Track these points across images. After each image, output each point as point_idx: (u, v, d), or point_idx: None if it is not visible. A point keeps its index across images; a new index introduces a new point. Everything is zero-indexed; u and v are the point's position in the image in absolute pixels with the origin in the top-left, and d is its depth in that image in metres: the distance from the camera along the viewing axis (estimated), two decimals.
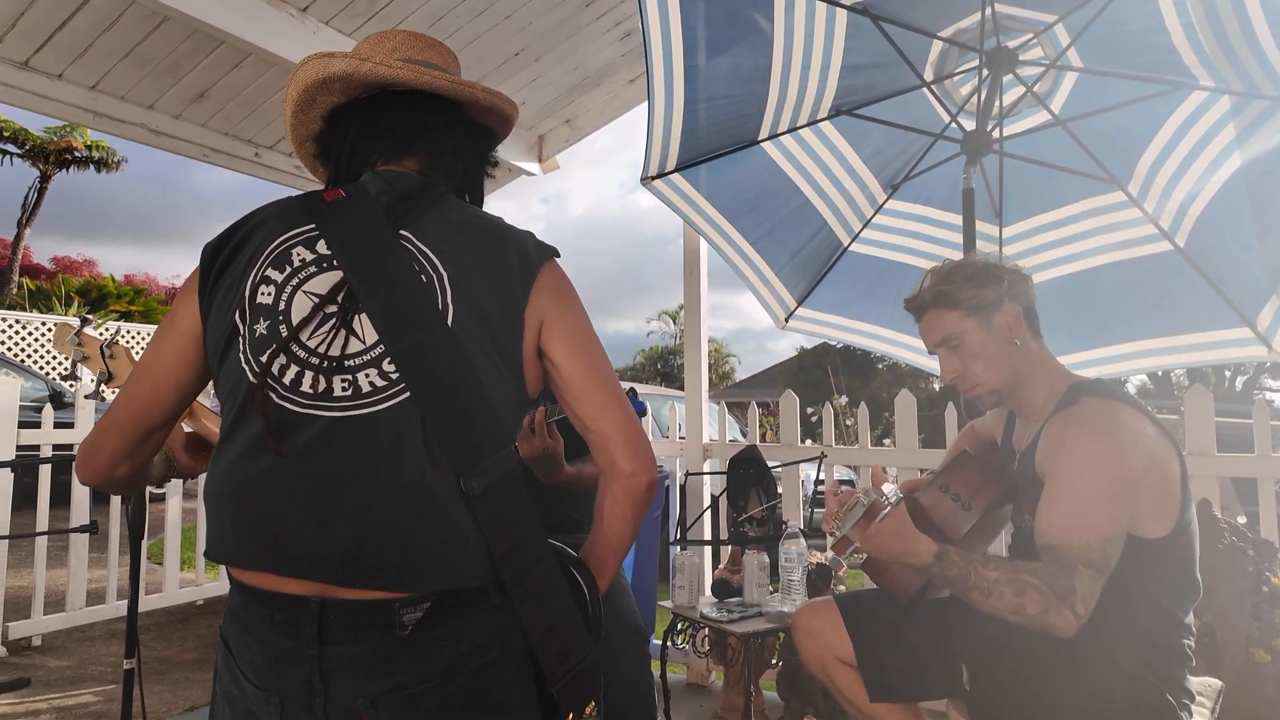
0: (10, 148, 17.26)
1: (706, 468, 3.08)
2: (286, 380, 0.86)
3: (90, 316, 1.70)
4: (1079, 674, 1.27)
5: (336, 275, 0.89)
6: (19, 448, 3.24)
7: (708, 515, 3.08)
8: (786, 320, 2.96)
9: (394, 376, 0.85)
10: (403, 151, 1.01)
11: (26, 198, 17.91)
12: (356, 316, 0.88)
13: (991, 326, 1.41)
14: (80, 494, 3.41)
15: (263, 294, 0.89)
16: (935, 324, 1.46)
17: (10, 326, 11.10)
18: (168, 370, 0.95)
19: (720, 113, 2.39)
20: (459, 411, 0.85)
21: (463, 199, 1.06)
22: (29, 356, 11.03)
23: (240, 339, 0.89)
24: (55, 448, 3.43)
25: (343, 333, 0.87)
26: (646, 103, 2.29)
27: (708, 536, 3.04)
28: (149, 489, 1.24)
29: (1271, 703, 1.90)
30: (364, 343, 0.87)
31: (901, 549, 1.31)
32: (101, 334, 1.59)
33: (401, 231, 0.92)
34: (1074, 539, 1.22)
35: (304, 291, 0.89)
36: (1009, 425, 1.55)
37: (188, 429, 1.15)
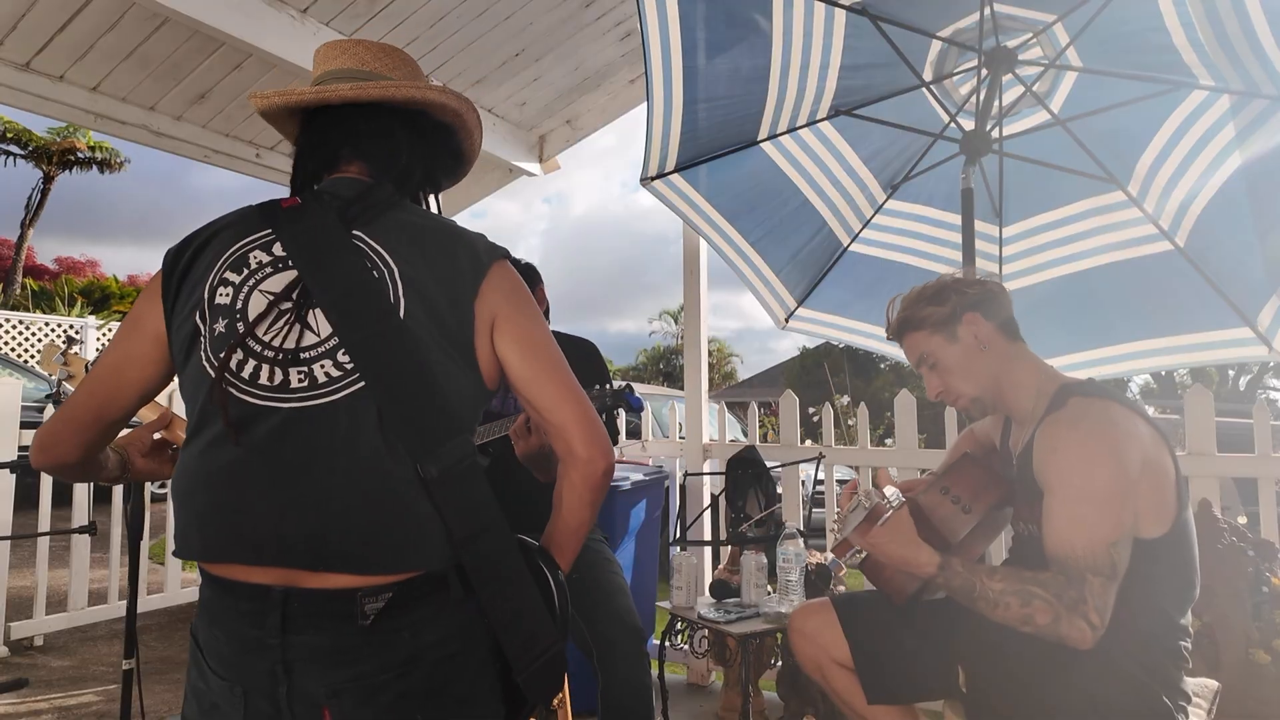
0: (13, 149, 17.31)
1: (706, 468, 3.08)
2: (245, 374, 0.89)
3: (75, 337, 1.72)
4: (1075, 675, 1.27)
5: (291, 274, 0.93)
6: (21, 448, 3.25)
7: (707, 515, 3.08)
8: (787, 320, 2.95)
9: (348, 367, 0.89)
10: (335, 161, 1.04)
11: (30, 198, 17.97)
12: (310, 311, 0.91)
13: (957, 339, 1.44)
14: (81, 495, 3.42)
15: (221, 295, 0.93)
16: (911, 347, 1.50)
17: (14, 327, 11.14)
18: (131, 369, 0.98)
19: (719, 113, 2.39)
20: (412, 399, 0.88)
21: (424, 198, 1.10)
22: (32, 357, 11.05)
23: (201, 339, 0.92)
24: None
25: (297, 326, 0.90)
26: (646, 103, 2.29)
27: (707, 537, 3.04)
28: (150, 489, 1.25)
29: (1272, 703, 1.90)
30: (318, 335, 0.90)
31: (903, 558, 1.32)
32: (85, 355, 1.60)
33: (355, 232, 0.95)
34: (1078, 549, 1.22)
35: (260, 290, 0.92)
36: (1005, 428, 1.55)
37: (156, 436, 1.18)
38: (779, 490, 2.71)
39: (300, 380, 0.88)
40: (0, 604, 3.14)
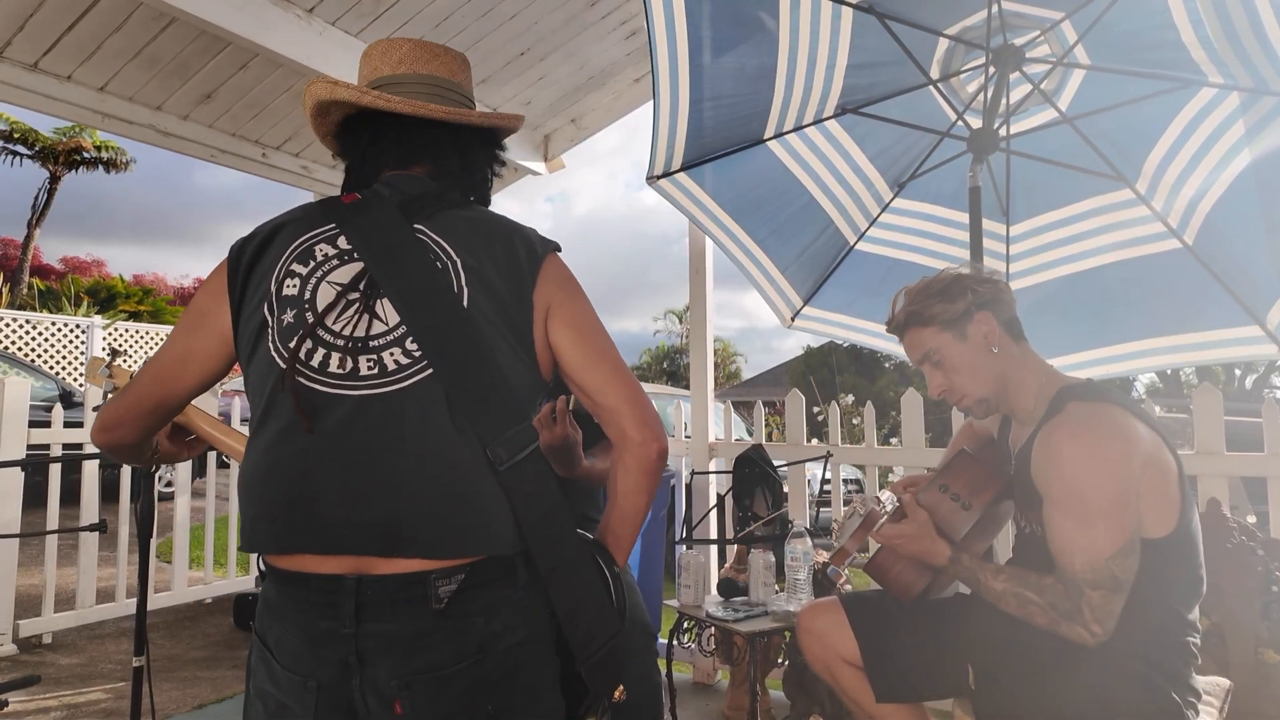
0: (20, 149, 17.38)
1: (712, 467, 3.08)
2: (314, 363, 0.90)
3: (119, 350, 1.74)
4: (1084, 672, 1.26)
5: (358, 266, 0.94)
6: (29, 447, 3.27)
7: (714, 514, 3.07)
8: (793, 319, 2.95)
9: (416, 354, 0.90)
10: (409, 161, 1.06)
11: (36, 198, 18.05)
12: (378, 301, 0.92)
13: (967, 338, 1.43)
14: (90, 493, 3.44)
15: (288, 287, 0.94)
16: (914, 342, 1.49)
17: (21, 326, 11.18)
18: (194, 363, 1.00)
19: (726, 112, 2.39)
20: (479, 385, 0.90)
21: (470, 200, 1.11)
22: (39, 356, 11.10)
23: (269, 330, 0.93)
24: (65, 447, 3.46)
25: (366, 315, 0.92)
26: (652, 102, 2.29)
27: (714, 535, 3.04)
28: (157, 490, 1.26)
29: None
30: (386, 324, 0.91)
31: (920, 550, 1.34)
32: (132, 367, 1.61)
33: (416, 226, 0.97)
34: (1077, 564, 1.22)
35: (328, 281, 0.94)
36: (1004, 425, 1.55)
37: (176, 420, 1.21)
38: (785, 490, 2.71)
39: (370, 368, 0.89)
40: (9, 602, 3.15)
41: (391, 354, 0.90)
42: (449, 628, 0.85)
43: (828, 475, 2.35)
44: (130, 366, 1.56)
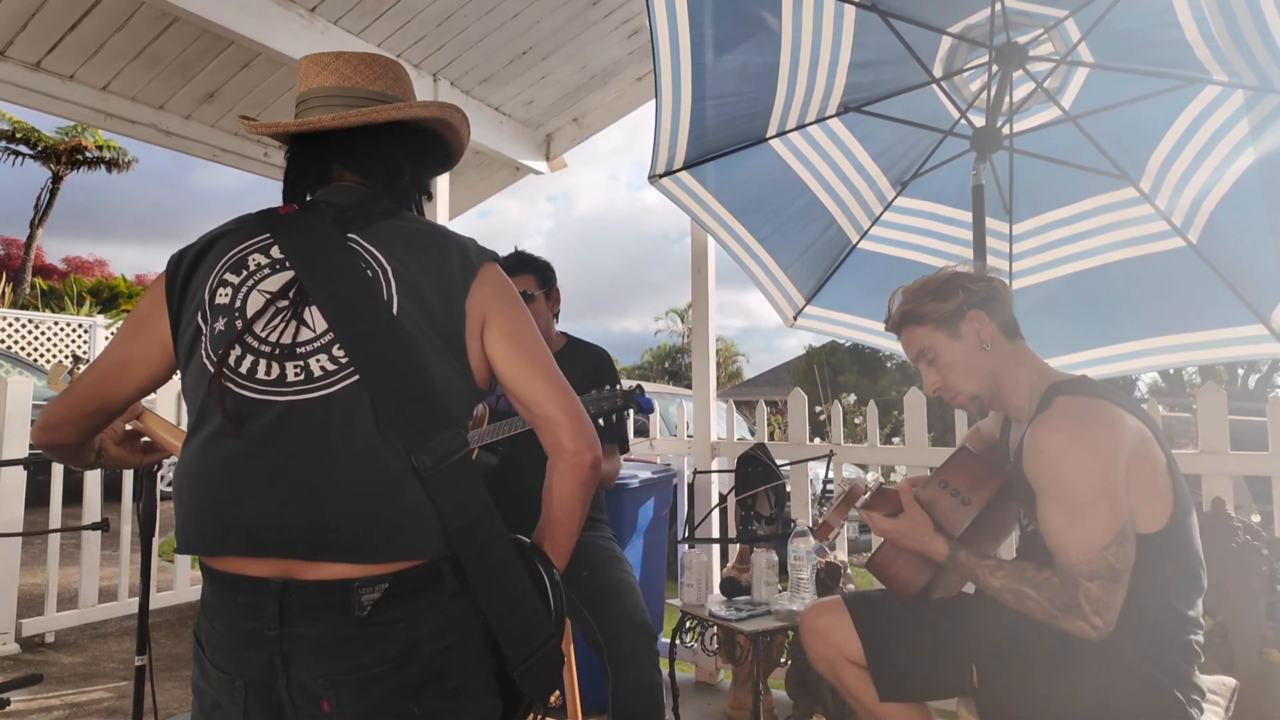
0: (22, 148, 17.40)
1: (714, 466, 3.07)
2: (243, 369, 0.92)
3: (81, 356, 1.76)
4: (1086, 671, 1.26)
5: (288, 274, 0.96)
6: (33, 448, 3.27)
7: (716, 513, 3.07)
8: (795, 318, 2.95)
9: (343, 360, 0.91)
10: (330, 174, 1.07)
11: (39, 198, 18.08)
12: (307, 308, 0.94)
13: (960, 336, 1.44)
14: (93, 492, 3.44)
15: (220, 295, 0.96)
16: (910, 340, 1.50)
17: (24, 326, 11.20)
18: (136, 367, 1.02)
19: (728, 110, 2.39)
20: (406, 392, 0.91)
21: (413, 204, 1.14)
22: (42, 356, 11.12)
23: (202, 338, 0.95)
24: None
25: (294, 322, 0.93)
26: (654, 101, 2.29)
27: (716, 535, 3.04)
28: (160, 486, 1.27)
29: None
30: (314, 331, 0.93)
31: (918, 545, 1.35)
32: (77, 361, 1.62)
33: (349, 235, 0.99)
34: (1071, 555, 1.22)
35: (258, 290, 0.96)
36: (1005, 425, 1.55)
37: (128, 426, 1.24)
38: (788, 488, 2.70)
39: (296, 374, 0.91)
40: (12, 601, 3.16)
41: (318, 360, 0.91)
42: (371, 634, 0.86)
43: (830, 474, 2.35)
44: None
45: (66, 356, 10.51)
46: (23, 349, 10.94)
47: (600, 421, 1.52)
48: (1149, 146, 2.24)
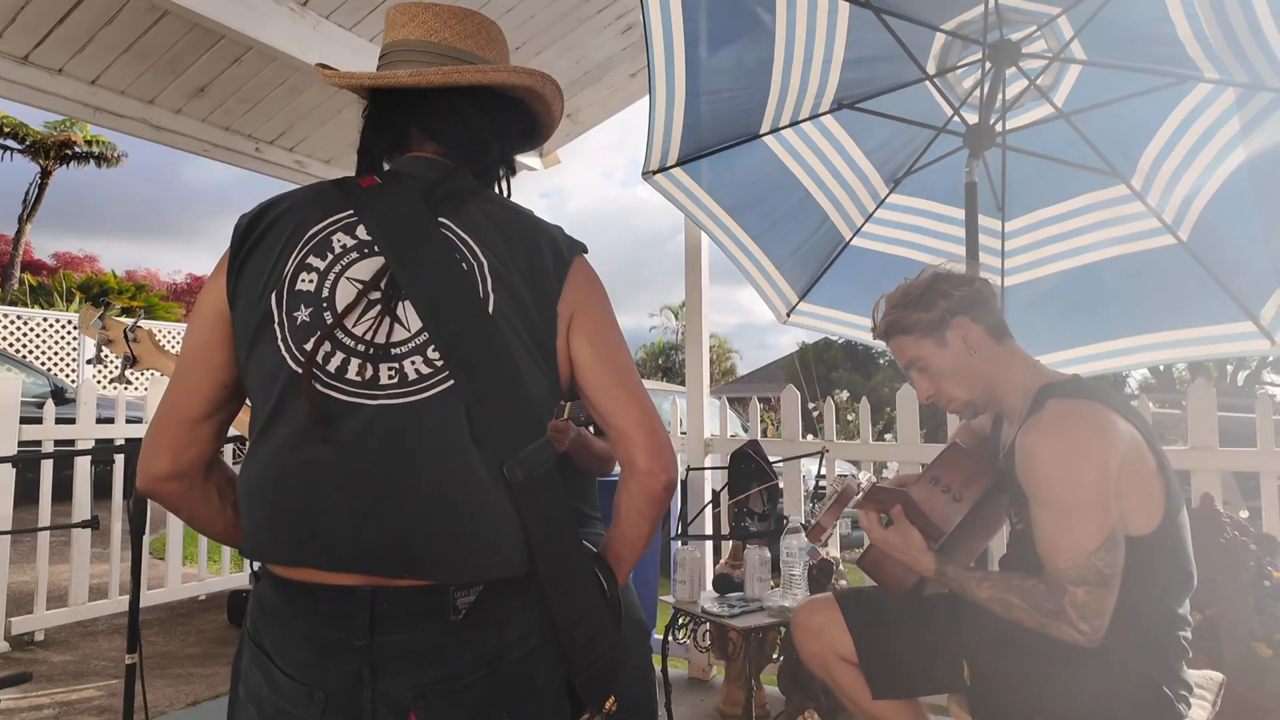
0: (10, 143, 17.26)
1: (708, 463, 3.07)
2: (331, 368, 0.84)
3: (113, 301, 1.73)
4: (1077, 667, 1.27)
5: (379, 261, 0.88)
6: (21, 443, 3.25)
7: (709, 510, 3.07)
8: (788, 315, 2.95)
9: (438, 364, 0.85)
10: (409, 141, 0.99)
11: (27, 193, 17.93)
12: (400, 303, 0.87)
13: (947, 344, 1.43)
14: (82, 489, 3.42)
15: (303, 281, 0.87)
16: (899, 350, 1.49)
17: (12, 322, 11.12)
18: (196, 354, 0.92)
19: (722, 106, 2.38)
20: (501, 400, 0.85)
21: (496, 180, 1.04)
22: (31, 352, 11.04)
23: (277, 325, 0.86)
24: (56, 443, 3.44)
25: (388, 319, 0.86)
26: (648, 97, 2.28)
27: (709, 531, 3.04)
28: None
29: (1275, 697, 1.90)
30: (409, 330, 0.86)
31: (907, 560, 1.35)
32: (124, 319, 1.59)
33: (440, 219, 0.91)
34: (1060, 561, 1.22)
35: (347, 278, 0.88)
36: (996, 422, 1.55)
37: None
38: (781, 484, 2.71)
39: (390, 376, 0.84)
40: (1, 599, 3.14)
41: (413, 362, 0.85)
42: (466, 638, 0.82)
43: (823, 471, 2.35)
44: (118, 317, 1.53)
45: (97, 303, 10.40)
46: (11, 345, 10.85)
47: (591, 427, 1.52)
48: (1141, 144, 2.25)
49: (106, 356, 1.77)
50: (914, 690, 1.44)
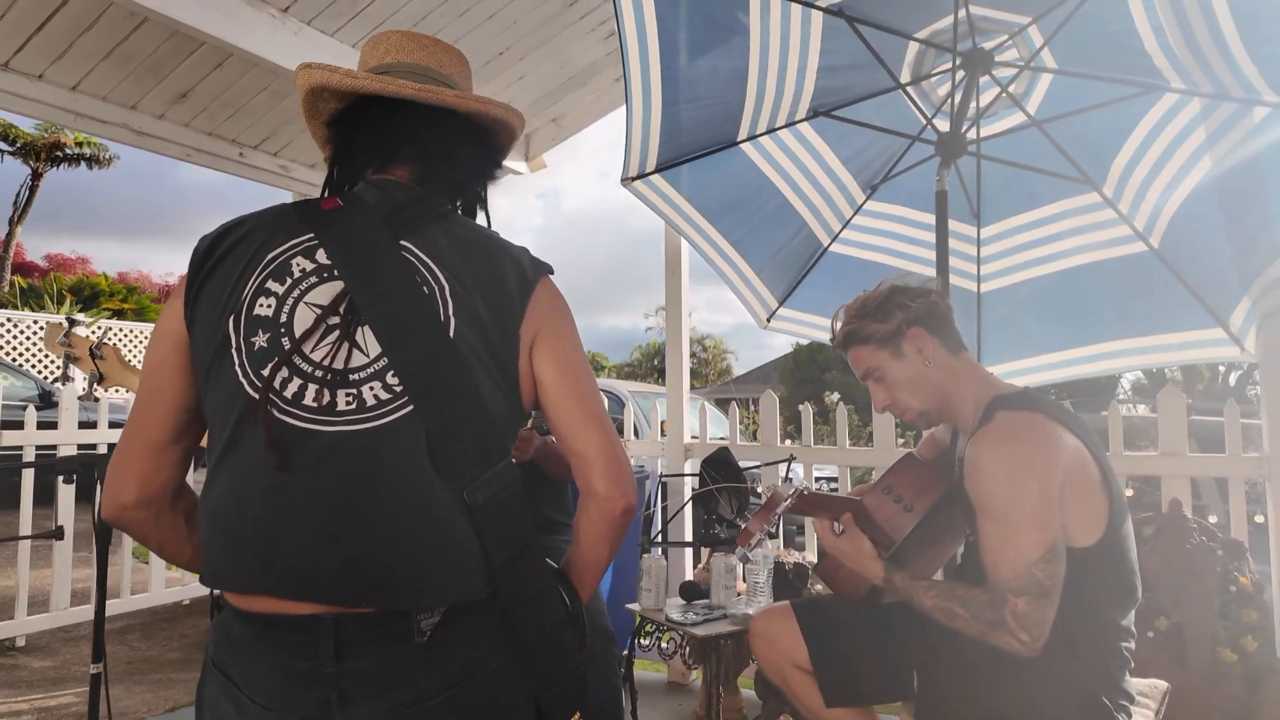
0: (1, 145, 17.20)
1: (687, 468, 3.08)
2: (288, 394, 0.84)
3: (79, 317, 1.73)
4: (1019, 677, 1.28)
5: (338, 286, 0.88)
6: (2, 449, 3.24)
7: (689, 517, 3.08)
8: (768, 320, 2.96)
9: (397, 389, 0.85)
10: (390, 160, 1.00)
11: (17, 195, 17.87)
12: (359, 328, 0.87)
13: (903, 355, 1.45)
14: (66, 495, 3.42)
15: (262, 305, 0.87)
16: (856, 360, 1.52)
17: (2, 325, 11.07)
18: (157, 377, 0.91)
19: (700, 113, 2.39)
20: (462, 424, 0.85)
21: (462, 209, 1.05)
22: (21, 355, 11.00)
23: (234, 350, 0.86)
24: (39, 449, 3.44)
25: (346, 345, 0.86)
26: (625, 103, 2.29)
27: (689, 538, 3.06)
28: None
29: (1239, 702, 1.92)
30: (367, 355, 0.86)
31: (858, 568, 1.36)
32: (91, 334, 1.60)
33: (402, 241, 0.91)
34: (1002, 571, 1.23)
35: (306, 303, 0.87)
36: (954, 434, 1.57)
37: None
38: (760, 489, 2.71)
39: (348, 402, 0.84)
40: None
41: (371, 388, 0.85)
42: (432, 659, 0.83)
43: (789, 476, 2.36)
44: (86, 335, 1.53)
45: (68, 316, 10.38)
46: (1, 348, 10.81)
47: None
48: (1111, 152, 2.27)
49: (75, 374, 1.77)
50: (867, 698, 1.46)
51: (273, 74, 3.23)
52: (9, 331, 11.09)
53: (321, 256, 0.90)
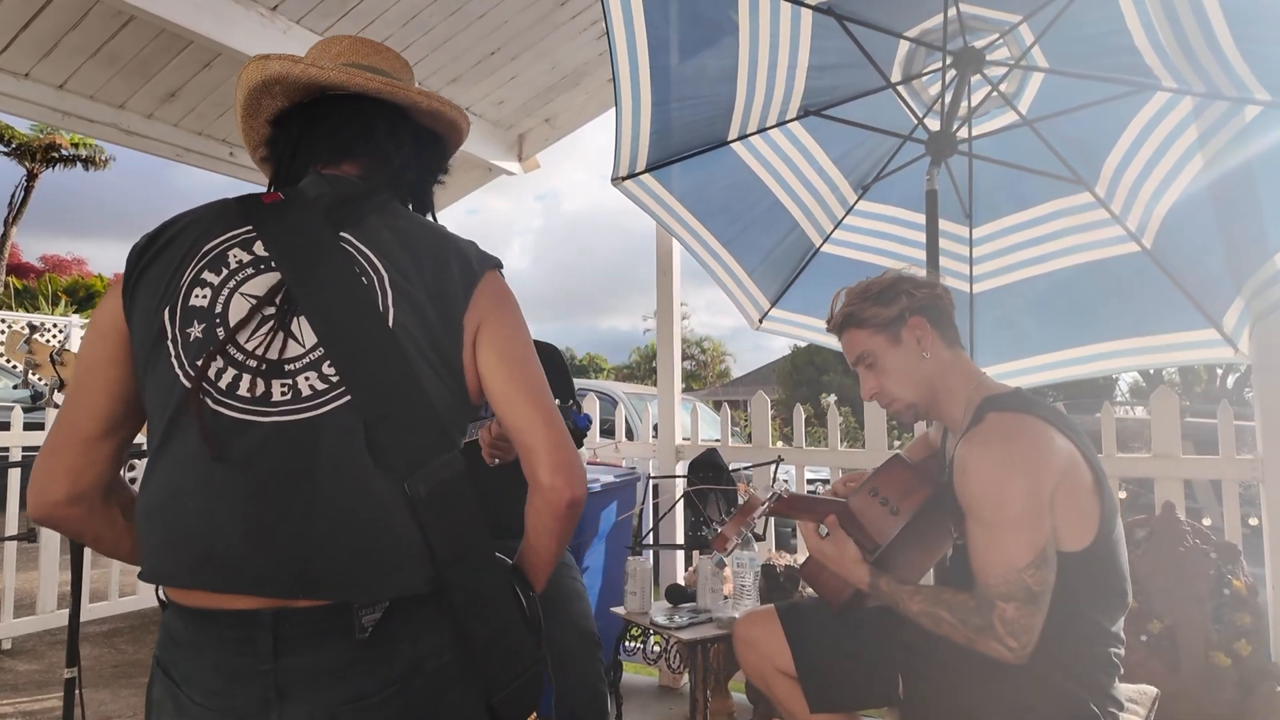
0: None
1: (679, 470, 3.06)
2: (223, 384, 0.83)
3: (39, 324, 1.70)
4: (1005, 684, 1.26)
5: (274, 277, 0.87)
6: None
7: (681, 520, 3.06)
8: (761, 321, 2.94)
9: (334, 379, 0.84)
10: (342, 155, 1.00)
11: (13, 196, 17.84)
12: (295, 318, 0.86)
13: (900, 342, 1.43)
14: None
15: (197, 296, 0.86)
16: (850, 343, 1.49)
17: None
18: (93, 370, 0.90)
19: (690, 113, 2.38)
20: (401, 414, 0.84)
21: (412, 208, 1.06)
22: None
23: (170, 343, 0.86)
24: (25, 449, 3.41)
25: (281, 335, 0.85)
26: (615, 103, 2.28)
27: (680, 540, 3.03)
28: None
29: (1232, 706, 1.90)
30: (303, 345, 0.85)
31: (842, 571, 1.33)
32: (52, 341, 1.57)
33: (342, 234, 0.90)
34: (991, 576, 1.21)
35: (241, 294, 0.87)
36: (945, 435, 1.55)
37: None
38: (754, 490, 2.69)
39: (283, 393, 0.83)
40: None
41: (307, 378, 0.84)
42: (374, 655, 0.81)
43: (779, 477, 2.35)
44: (47, 341, 1.51)
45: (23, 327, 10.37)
46: None
47: None
48: (1103, 152, 2.25)
49: (34, 383, 1.74)
50: (851, 704, 1.43)
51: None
52: (3, 333, 11.06)
53: (259, 248, 0.89)
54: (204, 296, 0.87)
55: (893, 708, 1.43)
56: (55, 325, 11.47)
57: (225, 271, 0.88)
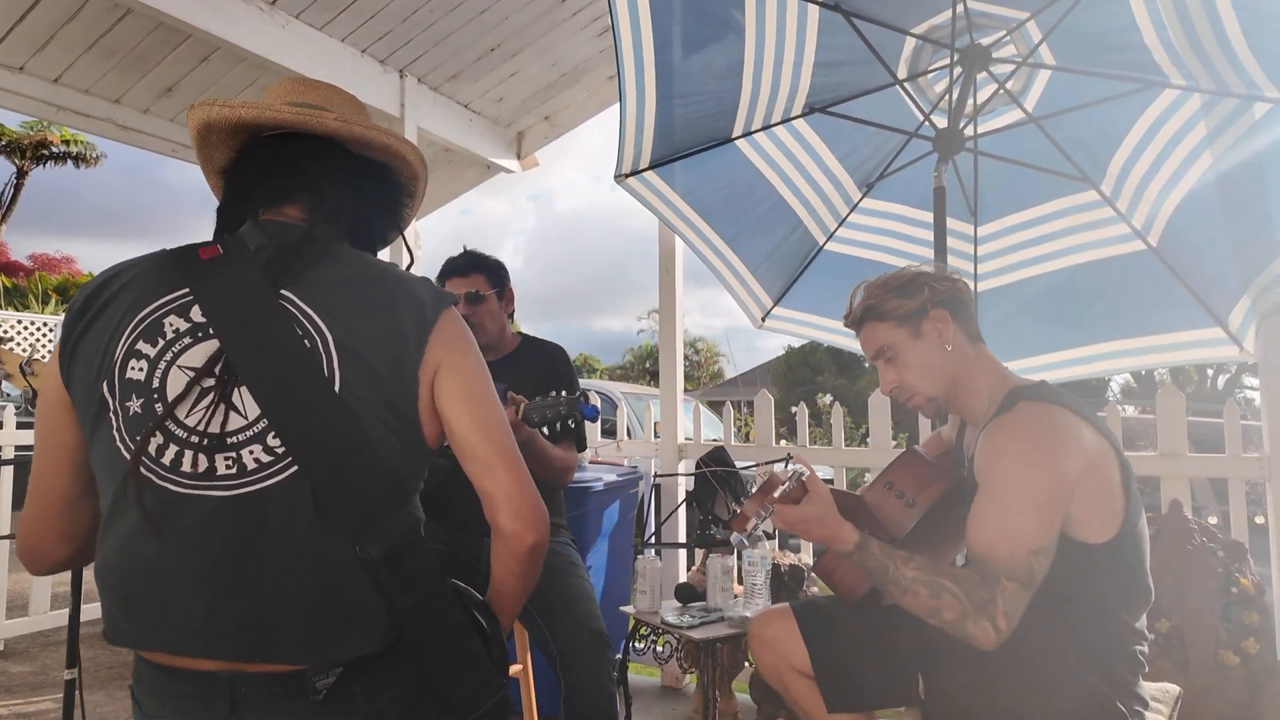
0: None
1: (681, 469, 3.05)
2: (166, 461, 0.83)
3: (5, 335, 1.67)
4: (1029, 682, 1.25)
5: (213, 345, 0.86)
6: None
7: (683, 518, 3.05)
8: (764, 319, 2.93)
9: (279, 451, 0.83)
10: (280, 197, 0.97)
11: (2, 194, 17.67)
12: (236, 389, 0.85)
13: (921, 335, 1.41)
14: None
15: (133, 369, 0.85)
16: (870, 337, 1.47)
17: None
18: (48, 438, 0.91)
19: (694, 109, 2.36)
20: (351, 479, 0.84)
21: (365, 249, 1.02)
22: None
23: (112, 415, 0.85)
24: (18, 448, 3.36)
25: (222, 408, 0.84)
26: (619, 99, 2.26)
27: (683, 539, 3.02)
28: None
29: (1241, 705, 1.90)
30: (245, 417, 0.84)
31: (825, 534, 1.28)
32: (21, 350, 1.55)
33: (283, 291, 0.88)
34: (999, 551, 1.19)
35: (179, 366, 0.85)
36: (961, 430, 1.53)
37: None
38: (753, 490, 2.68)
39: (228, 467, 0.83)
40: None
41: (251, 451, 0.83)
42: (332, 713, 0.82)
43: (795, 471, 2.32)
44: (17, 352, 1.48)
45: (24, 349, 10.28)
46: None
47: (545, 430, 1.49)
48: (1110, 149, 2.25)
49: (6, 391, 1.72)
50: (869, 704, 1.42)
51: (262, 68, 3.18)
52: None
53: (196, 314, 0.87)
54: (140, 369, 0.85)
55: (912, 707, 1.41)
56: (45, 325, 11.37)
57: (162, 342, 0.86)
